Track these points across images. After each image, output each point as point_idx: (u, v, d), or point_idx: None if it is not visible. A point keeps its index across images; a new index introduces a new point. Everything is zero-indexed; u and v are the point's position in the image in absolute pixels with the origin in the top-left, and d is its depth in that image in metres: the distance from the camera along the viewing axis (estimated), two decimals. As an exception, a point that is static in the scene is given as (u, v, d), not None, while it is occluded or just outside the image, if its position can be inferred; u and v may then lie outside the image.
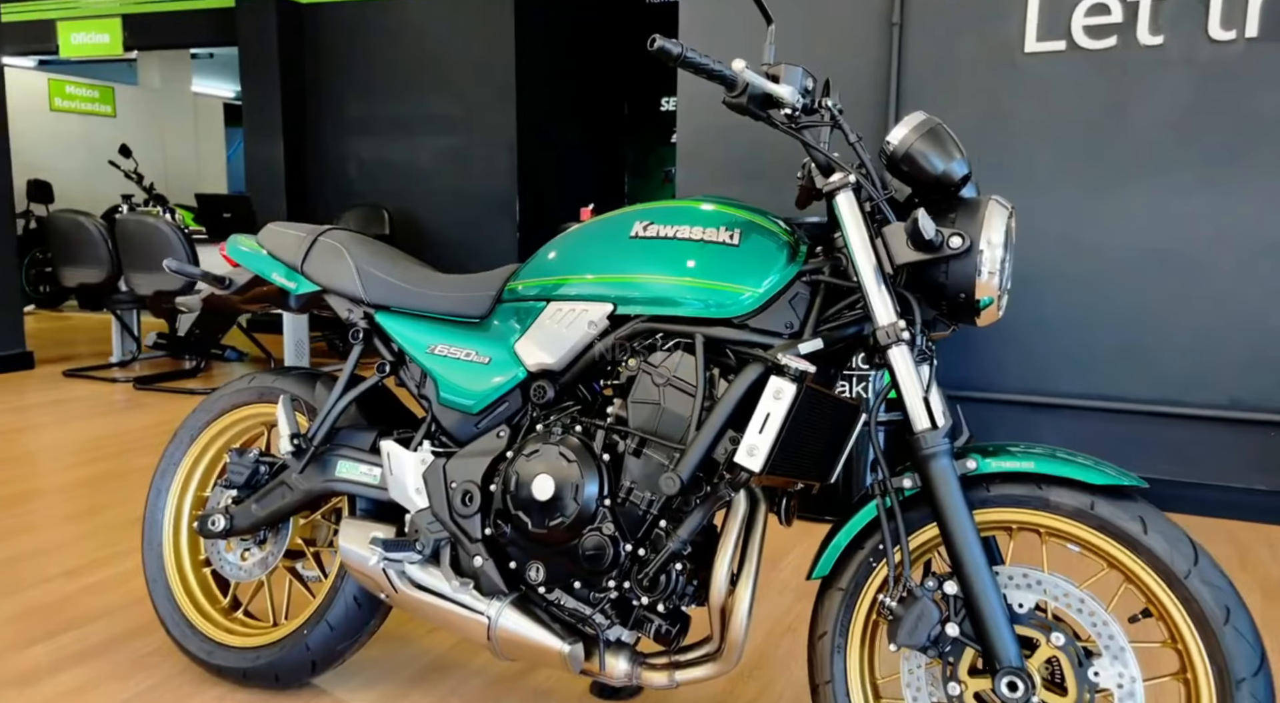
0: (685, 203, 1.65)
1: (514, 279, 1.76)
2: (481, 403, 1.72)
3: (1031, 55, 3.16)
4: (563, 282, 1.67)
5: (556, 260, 1.70)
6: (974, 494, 1.41)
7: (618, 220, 1.67)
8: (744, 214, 1.62)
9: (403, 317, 1.81)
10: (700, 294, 1.54)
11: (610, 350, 1.64)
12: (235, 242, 2.02)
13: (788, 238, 1.59)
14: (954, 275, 1.45)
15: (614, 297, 1.60)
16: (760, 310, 1.53)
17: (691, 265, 1.56)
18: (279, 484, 1.82)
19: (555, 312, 1.67)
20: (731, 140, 3.70)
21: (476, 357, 1.73)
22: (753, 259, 1.55)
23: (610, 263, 1.62)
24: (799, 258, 1.58)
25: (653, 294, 1.57)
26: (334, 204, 6.92)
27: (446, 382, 1.74)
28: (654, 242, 1.60)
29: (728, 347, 1.55)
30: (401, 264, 1.86)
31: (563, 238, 1.74)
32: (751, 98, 1.48)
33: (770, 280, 1.54)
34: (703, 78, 1.44)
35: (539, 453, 1.60)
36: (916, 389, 1.44)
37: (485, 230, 6.64)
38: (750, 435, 1.41)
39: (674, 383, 1.57)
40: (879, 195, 1.52)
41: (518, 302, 1.74)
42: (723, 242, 1.57)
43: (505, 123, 6.54)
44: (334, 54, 6.95)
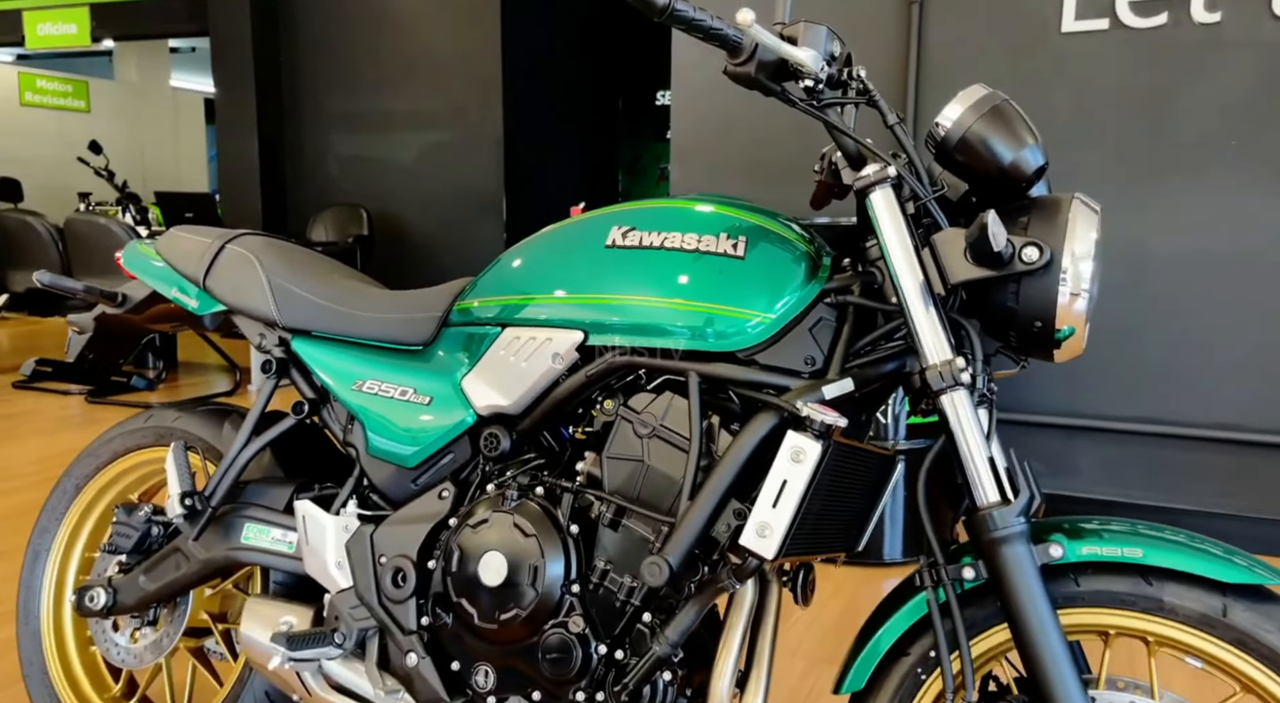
0: (676, 203, 1.30)
1: (464, 296, 1.41)
2: (420, 454, 1.37)
3: (1069, 35, 2.82)
4: (522, 302, 1.32)
5: (514, 274, 1.35)
6: (1059, 588, 1.08)
7: (591, 225, 1.32)
8: (750, 217, 1.27)
9: (326, 344, 1.46)
10: (695, 321, 1.20)
11: (581, 390, 1.29)
12: (132, 250, 1.66)
13: (806, 247, 1.25)
14: (1027, 298, 1.11)
15: (585, 322, 1.26)
16: (773, 341, 1.20)
17: (684, 283, 1.22)
18: (172, 552, 1.47)
19: (512, 340, 1.32)
20: (731, 134, 3.36)
21: (414, 396, 1.38)
22: (763, 275, 1.21)
23: (581, 279, 1.28)
24: (821, 273, 1.24)
25: (634, 320, 1.22)
26: (311, 203, 6.58)
27: (377, 427, 1.39)
28: (636, 252, 1.25)
29: (731, 388, 1.21)
30: (328, 278, 1.50)
31: (524, 246, 1.39)
32: (761, 66, 1.13)
33: (785, 303, 1.20)
34: (698, 38, 1.09)
35: (489, 523, 1.26)
36: (979, 449, 1.10)
37: (470, 231, 6.30)
38: (761, 510, 1.08)
39: (661, 434, 1.22)
40: (926, 193, 1.18)
41: (467, 326, 1.39)
42: (724, 253, 1.22)
43: (491, 118, 6.21)
44: (312, 45, 6.60)
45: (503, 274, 1.36)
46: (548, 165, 6.85)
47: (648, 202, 1.31)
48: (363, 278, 1.63)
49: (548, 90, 6.84)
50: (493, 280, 1.37)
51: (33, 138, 9.18)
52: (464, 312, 1.39)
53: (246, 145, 6.57)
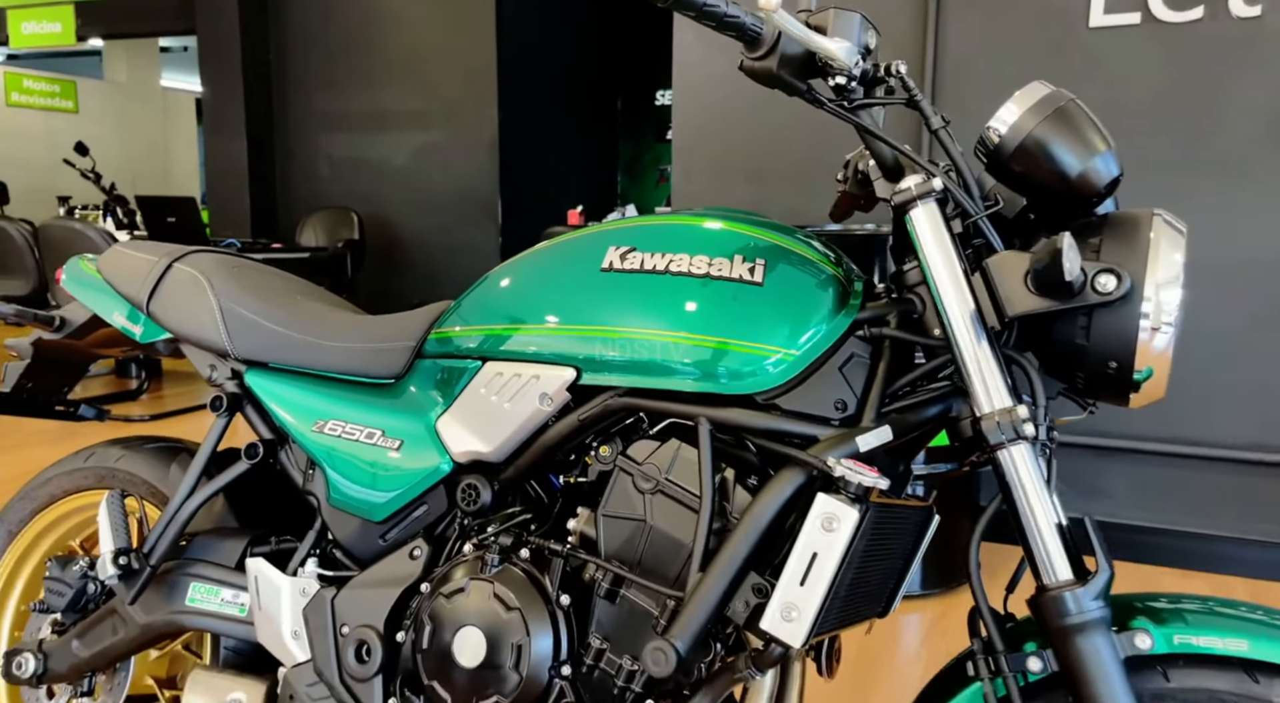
0: (681, 219, 1.13)
1: (441, 323, 1.24)
2: (389, 506, 1.20)
3: (1098, 30, 2.64)
4: (505, 332, 1.15)
5: (497, 300, 1.18)
6: (1144, 683, 0.92)
7: (585, 245, 1.15)
8: (767, 235, 1.10)
9: (285, 377, 1.29)
10: (705, 358, 1.03)
11: (573, 436, 1.11)
12: (73, 268, 1.49)
13: (834, 270, 1.08)
14: (1101, 333, 0.94)
15: (578, 358, 1.09)
16: (797, 382, 1.03)
17: (692, 313, 1.05)
18: (109, 614, 1.29)
19: (493, 377, 1.15)
20: (734, 135, 3.19)
21: (383, 439, 1.21)
22: (784, 304, 1.04)
23: (573, 307, 1.11)
24: (852, 301, 1.07)
25: (635, 356, 1.05)
26: (302, 205, 6.39)
27: (340, 474, 1.22)
28: (636, 277, 1.08)
29: (748, 438, 1.03)
30: (288, 301, 1.33)
31: (509, 267, 1.21)
32: (785, 60, 0.96)
33: (811, 336, 1.02)
34: (709, 27, 0.91)
35: (466, 592, 1.09)
36: (1046, 515, 0.93)
37: (464, 234, 6.13)
38: (787, 588, 0.91)
39: (667, 490, 1.05)
40: (977, 209, 1.01)
41: (444, 358, 1.22)
42: (738, 278, 1.05)
43: (486, 118, 6.04)
44: (302, 43, 6.43)
45: (484, 299, 1.19)
46: (544, 167, 6.67)
47: (649, 218, 1.14)
48: (332, 299, 1.45)
49: (544, 90, 6.67)
50: (473, 306, 1.20)
51: (19, 139, 8.99)
52: (441, 341, 1.22)
53: (234, 146, 6.39)
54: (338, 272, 5.57)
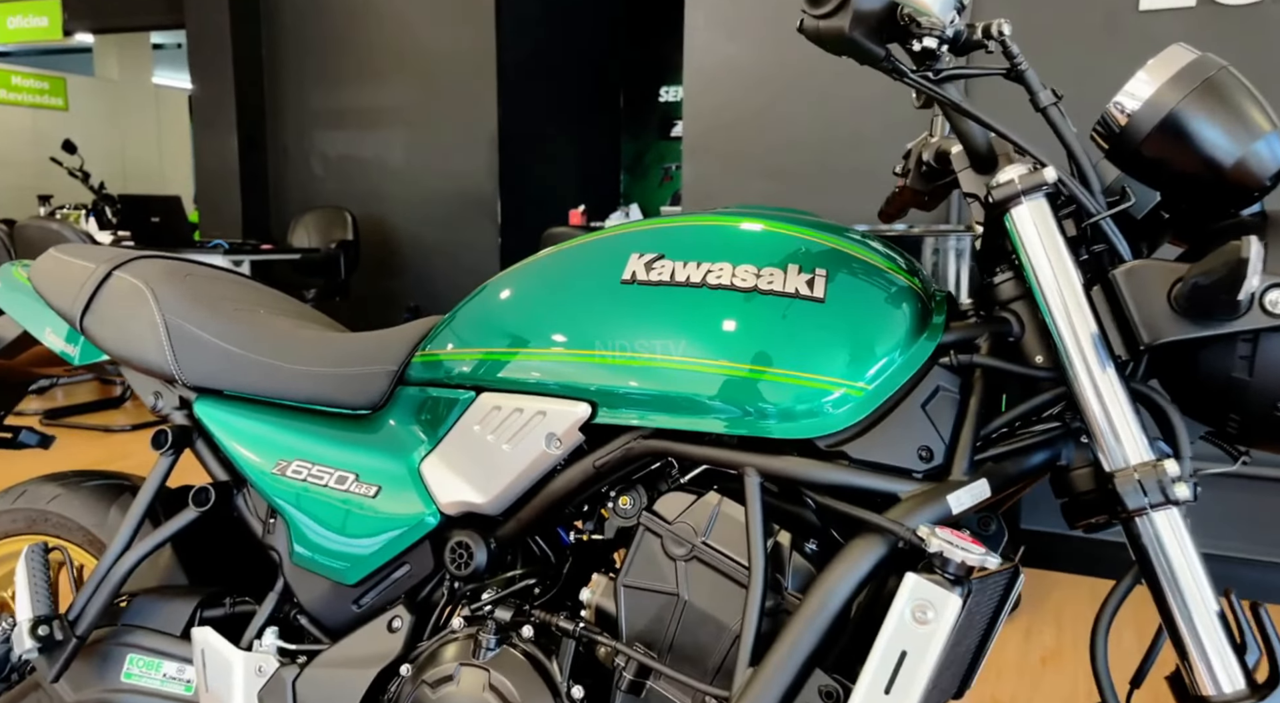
0: (717, 219, 0.92)
1: (428, 343, 1.03)
2: (363, 566, 0.99)
3: (1148, 14, 2.44)
4: (504, 357, 0.94)
5: (495, 317, 0.97)
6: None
7: (601, 251, 0.94)
8: (823, 237, 0.90)
9: (241, 407, 1.08)
10: (754, 393, 0.82)
11: (586, 486, 0.91)
12: (5, 276, 1.28)
13: (909, 281, 0.87)
14: (1269, 366, 0.73)
15: (593, 390, 0.88)
16: (870, 425, 0.82)
17: (736, 338, 0.84)
18: (33, 688, 1.08)
19: (490, 411, 0.94)
20: (750, 128, 2.98)
21: (356, 484, 1.00)
22: (852, 326, 0.83)
23: (587, 327, 0.90)
24: (935, 322, 0.86)
25: (664, 390, 0.84)
26: (295, 205, 6.18)
27: (305, 526, 1.01)
28: (666, 291, 0.88)
29: (808, 493, 0.83)
30: (248, 316, 1.12)
31: (509, 277, 1.01)
32: (860, 18, 0.76)
33: (886, 367, 0.82)
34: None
35: (455, 681, 0.88)
36: (1203, 601, 0.72)
37: (462, 235, 5.93)
38: (869, 696, 0.70)
39: (705, 557, 0.84)
40: (1098, 206, 0.80)
41: (431, 386, 1.01)
42: (794, 293, 0.85)
43: (485, 115, 5.84)
44: (295, 37, 6.22)
45: (480, 316, 0.98)
46: (545, 165, 6.47)
47: (678, 218, 0.93)
48: (304, 313, 1.25)
49: (545, 86, 6.46)
50: (467, 324, 0.99)
51: (6, 137, 8.78)
52: (428, 365, 1.01)
53: (225, 144, 6.18)
54: (330, 273, 5.37)
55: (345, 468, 1.01)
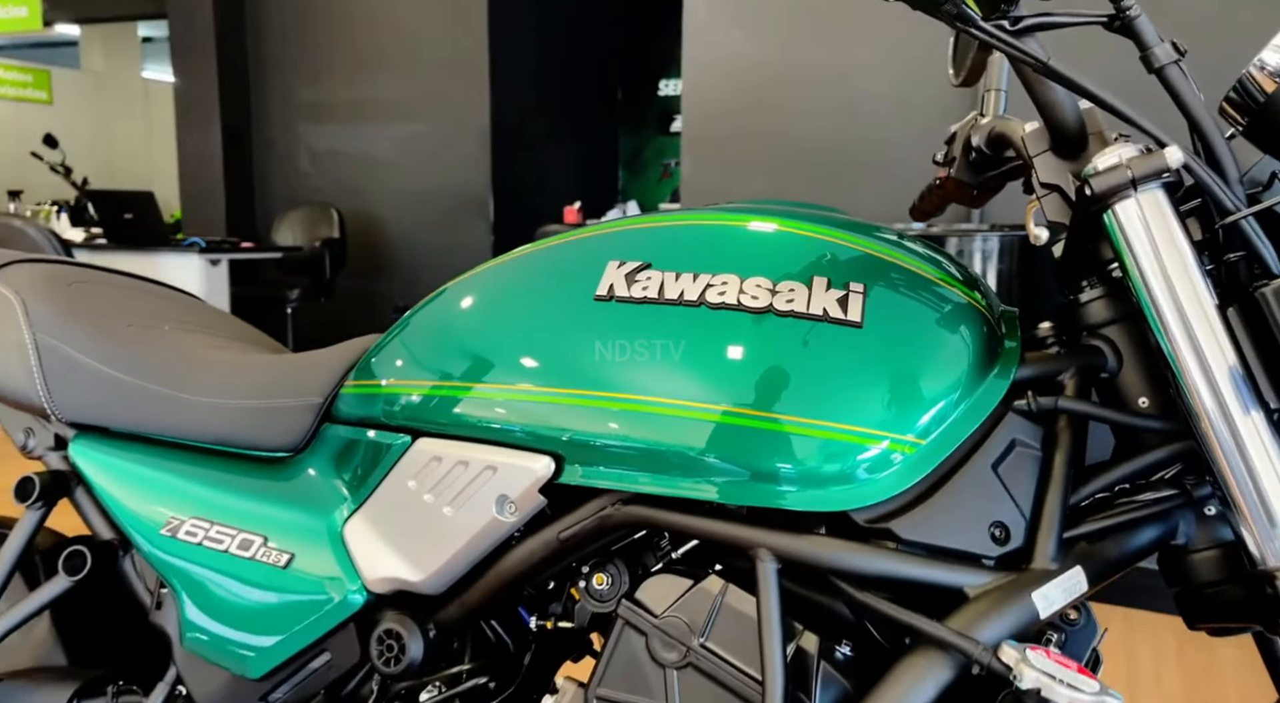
0: (717, 217, 0.71)
1: (360, 371, 0.82)
2: (270, 656, 0.78)
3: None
4: (445, 393, 0.73)
5: (436, 342, 0.76)
6: None
7: (570, 257, 0.73)
8: (855, 240, 0.69)
9: (128, 449, 0.87)
10: (767, 450, 0.61)
11: (550, 562, 0.71)
12: None
13: (968, 297, 0.66)
14: None
15: (558, 441, 0.67)
16: (924, 494, 0.61)
17: (744, 373, 0.63)
18: None
19: (428, 463, 0.73)
20: (753, 121, 2.77)
21: (264, 550, 0.80)
22: (901, 359, 0.62)
23: (550, 358, 0.69)
24: (1007, 353, 0.65)
25: (647, 442, 0.64)
26: (281, 201, 5.97)
27: (200, 602, 0.81)
28: (651, 311, 0.67)
29: (842, 585, 0.62)
30: (146, 335, 0.91)
31: (457, 289, 0.80)
32: None
33: (946, 413, 0.61)
34: None
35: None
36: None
37: (453, 232, 5.72)
38: None
39: (702, 664, 0.64)
40: (1238, 202, 0.59)
41: (359, 425, 0.81)
42: (821, 315, 0.64)
43: (477, 109, 5.63)
44: (280, 28, 6.02)
45: (417, 339, 0.78)
46: (539, 160, 6.25)
47: (669, 216, 0.72)
48: (230, 330, 1.04)
49: (539, 79, 6.25)
50: (402, 348, 0.78)
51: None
52: (357, 399, 0.81)
53: (208, 137, 5.97)
54: (315, 273, 5.16)
55: (251, 528, 0.81)
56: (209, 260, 4.14)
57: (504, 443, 0.70)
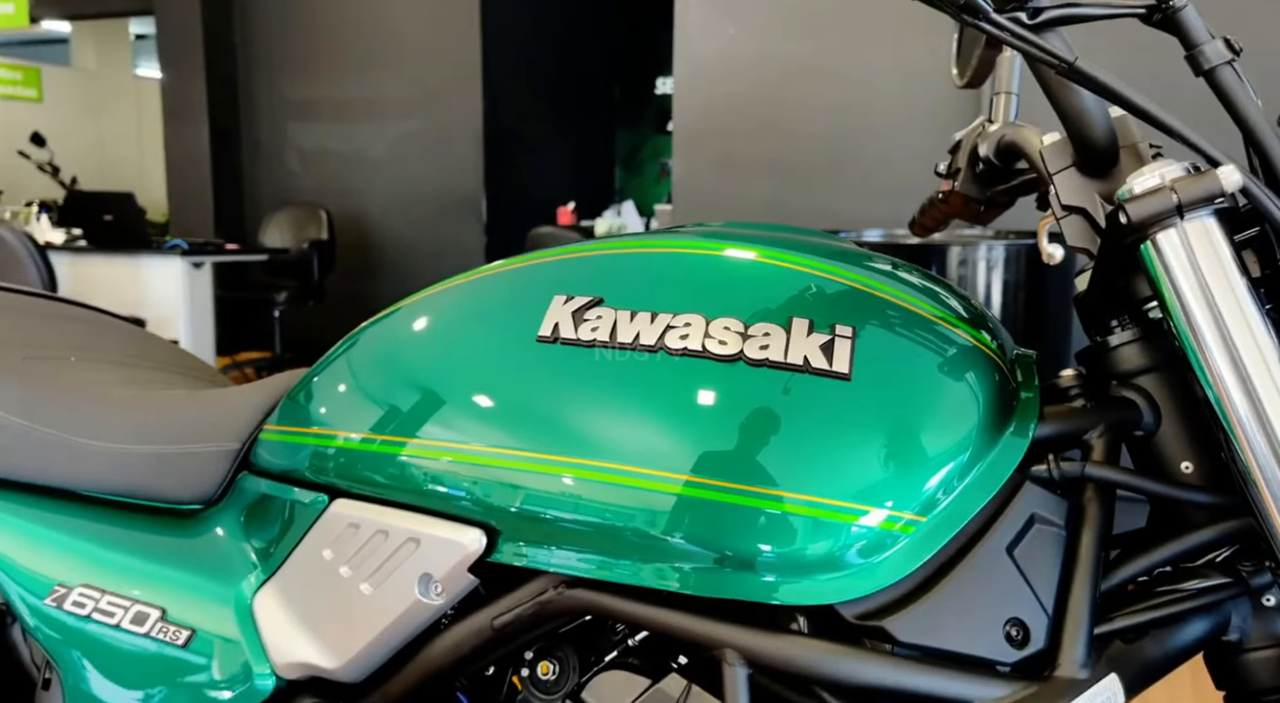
0: (682, 243, 0.60)
1: (279, 414, 0.71)
2: (166, 752, 0.68)
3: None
4: (363, 447, 0.62)
5: (355, 386, 0.65)
6: None
7: (508, 289, 0.62)
8: (843, 272, 0.57)
9: (13, 502, 0.77)
10: (735, 528, 0.49)
11: (482, 651, 0.60)
12: None
13: (975, 339, 0.55)
14: None
15: (491, 510, 0.55)
16: (925, 586, 0.49)
17: (709, 433, 0.52)
18: None
19: (344, 529, 0.62)
20: (748, 121, 2.67)
21: (160, 626, 0.69)
22: (896, 418, 0.50)
23: (479, 411, 0.58)
24: (1022, 407, 0.54)
25: (593, 518, 0.52)
26: (270, 201, 5.87)
27: (87, 684, 0.70)
28: (599, 357, 0.56)
29: (823, 693, 0.51)
30: (40, 367, 0.81)
31: (384, 323, 0.69)
32: None
33: (951, 484, 0.49)
34: None
35: None
36: None
37: (446, 233, 5.63)
38: None
39: (657, 785, 0.52)
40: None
41: (275, 479, 0.70)
42: (801, 365, 0.52)
43: (469, 106, 5.53)
44: (270, 26, 5.92)
45: (335, 383, 0.67)
46: (533, 160, 6.15)
47: (626, 241, 0.62)
48: (158, 360, 0.93)
49: (534, 76, 6.14)
50: (319, 393, 0.68)
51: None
52: (276, 447, 0.70)
53: (196, 136, 5.86)
54: (304, 275, 5.05)
55: (148, 599, 0.70)
56: (192, 263, 4.04)
57: (430, 510, 0.60)
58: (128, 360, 0.90)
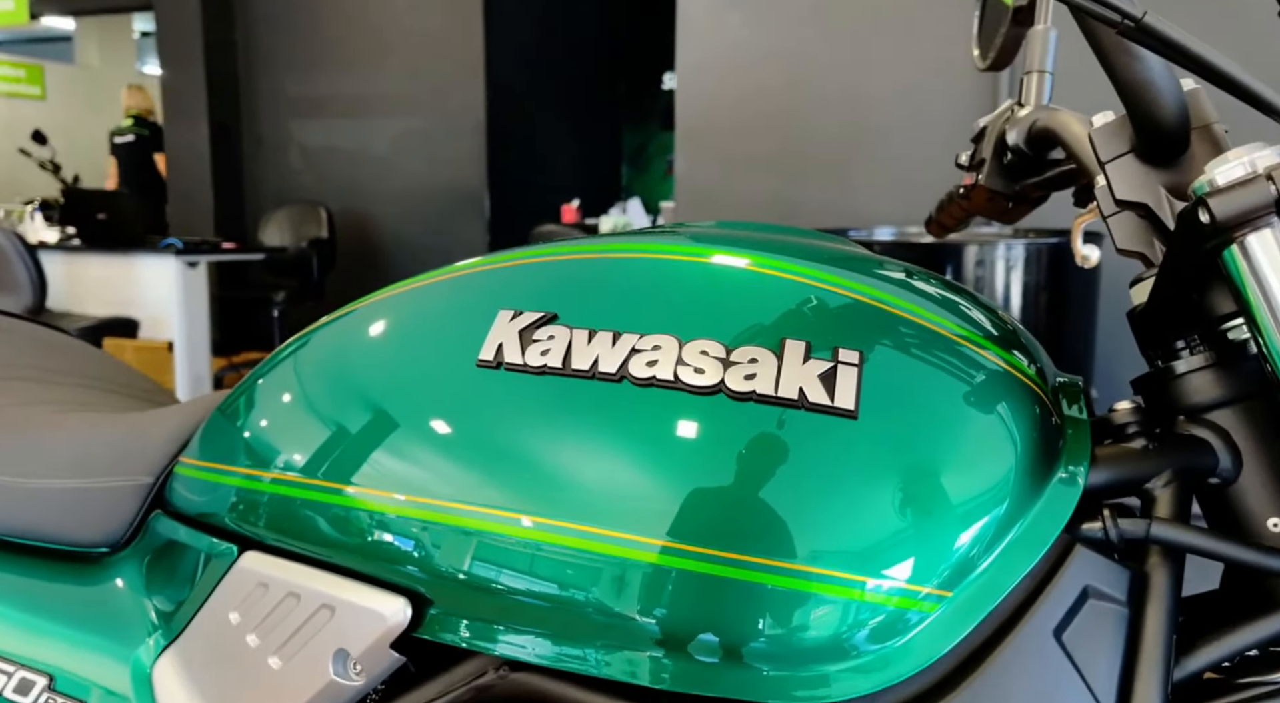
0: (656, 247, 0.49)
1: (196, 445, 0.61)
2: None
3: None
4: (277, 490, 0.51)
5: (269, 416, 0.54)
6: None
7: (447, 302, 0.51)
8: (848, 282, 0.45)
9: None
10: (717, 607, 0.38)
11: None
12: None
13: (1006, 362, 0.43)
14: None
15: (417, 576, 0.44)
16: (953, 679, 0.38)
17: (682, 486, 0.40)
18: None
19: (253, 589, 0.51)
20: (752, 114, 2.57)
21: (48, 695, 0.59)
22: (913, 467, 0.39)
23: (405, 451, 0.47)
24: (1070, 452, 0.42)
25: (541, 588, 0.41)
26: (271, 199, 5.79)
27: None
28: (551, 387, 0.44)
29: None
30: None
31: (307, 339, 0.59)
32: None
33: (982, 551, 0.37)
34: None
35: None
36: None
37: (448, 231, 5.54)
38: None
39: None
40: None
41: (184, 522, 0.60)
42: (795, 400, 0.40)
43: (473, 102, 5.44)
44: (271, 22, 5.84)
45: (250, 410, 0.57)
46: (538, 157, 6.05)
47: (588, 244, 0.51)
48: (85, 369, 0.84)
49: (538, 72, 6.04)
50: (232, 421, 0.58)
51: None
52: (189, 483, 0.60)
53: (196, 134, 5.78)
54: (303, 275, 4.97)
55: (36, 664, 0.60)
56: (186, 262, 3.95)
57: (349, 570, 0.50)
58: (43, 376, 0.80)
